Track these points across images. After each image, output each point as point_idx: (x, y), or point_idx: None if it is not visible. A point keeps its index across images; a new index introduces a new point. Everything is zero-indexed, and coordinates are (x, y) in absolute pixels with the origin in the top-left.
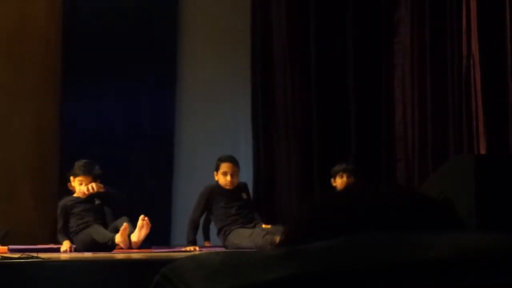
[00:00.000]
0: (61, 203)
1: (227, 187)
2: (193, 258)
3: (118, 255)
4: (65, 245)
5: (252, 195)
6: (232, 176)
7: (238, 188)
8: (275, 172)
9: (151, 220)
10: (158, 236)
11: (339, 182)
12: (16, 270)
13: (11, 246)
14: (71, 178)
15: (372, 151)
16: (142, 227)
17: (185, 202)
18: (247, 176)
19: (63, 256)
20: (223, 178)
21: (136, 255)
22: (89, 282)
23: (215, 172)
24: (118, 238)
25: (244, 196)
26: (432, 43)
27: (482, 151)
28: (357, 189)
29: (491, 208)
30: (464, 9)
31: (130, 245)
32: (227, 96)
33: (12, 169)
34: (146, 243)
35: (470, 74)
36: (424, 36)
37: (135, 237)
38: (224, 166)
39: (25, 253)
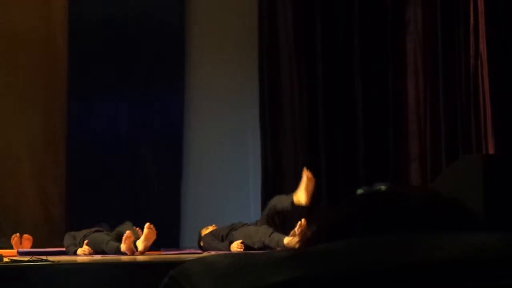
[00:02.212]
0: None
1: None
2: (201, 260)
3: (127, 257)
4: (82, 249)
5: (260, 193)
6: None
7: None
8: (283, 171)
9: (159, 222)
10: (167, 238)
11: None
12: (25, 273)
13: (20, 250)
14: None
15: (382, 151)
16: (148, 234)
17: (194, 204)
18: (255, 176)
19: (72, 259)
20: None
21: (145, 257)
22: (98, 284)
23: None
24: (122, 247)
25: None
26: (441, 43)
27: (490, 150)
28: (369, 191)
29: (499, 208)
30: (471, 9)
31: (135, 252)
32: (235, 97)
33: (19, 171)
34: (153, 247)
35: (478, 73)
36: (433, 36)
37: (141, 245)
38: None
39: (34, 256)
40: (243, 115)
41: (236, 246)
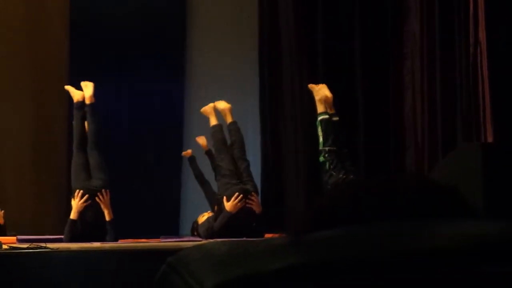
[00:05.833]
0: None
1: None
2: (199, 247)
3: (126, 245)
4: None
5: (260, 187)
6: None
7: None
8: (283, 164)
9: (159, 209)
10: (167, 226)
11: None
12: (24, 260)
13: (19, 237)
14: None
15: (380, 139)
16: None
17: (194, 193)
18: (254, 167)
19: (71, 246)
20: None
21: (144, 245)
22: (97, 271)
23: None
24: None
25: None
26: (440, 32)
27: (489, 139)
28: (366, 178)
29: (498, 196)
30: None
31: None
32: (235, 88)
33: (18, 159)
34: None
35: (477, 61)
36: (432, 24)
37: None
38: None
39: (34, 243)
40: (244, 107)
41: None
